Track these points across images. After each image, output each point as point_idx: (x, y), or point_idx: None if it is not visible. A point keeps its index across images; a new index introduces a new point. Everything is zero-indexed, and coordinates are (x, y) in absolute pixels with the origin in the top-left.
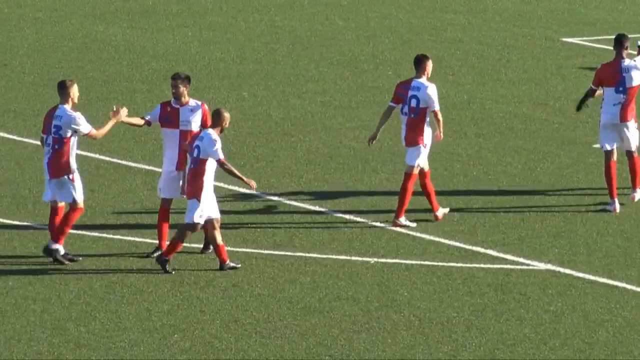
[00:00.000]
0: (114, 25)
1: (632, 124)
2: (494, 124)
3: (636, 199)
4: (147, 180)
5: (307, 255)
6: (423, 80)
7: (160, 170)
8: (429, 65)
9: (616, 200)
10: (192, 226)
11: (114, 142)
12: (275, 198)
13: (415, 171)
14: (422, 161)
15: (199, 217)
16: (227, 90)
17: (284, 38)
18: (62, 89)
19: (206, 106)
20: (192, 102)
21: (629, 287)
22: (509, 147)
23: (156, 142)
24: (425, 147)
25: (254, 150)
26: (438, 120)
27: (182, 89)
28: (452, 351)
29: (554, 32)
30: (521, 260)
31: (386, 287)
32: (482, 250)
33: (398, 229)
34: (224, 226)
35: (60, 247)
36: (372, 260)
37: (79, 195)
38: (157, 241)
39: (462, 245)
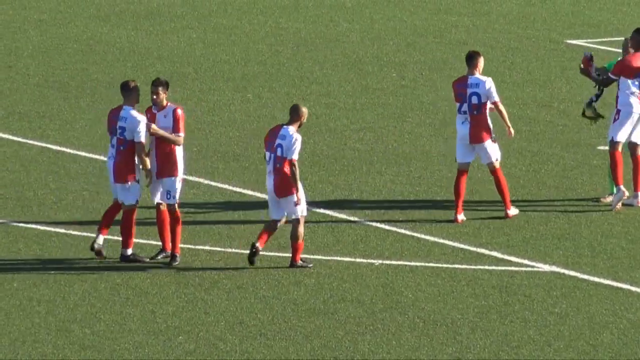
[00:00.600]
0: (119, 27)
1: None
2: (499, 126)
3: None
4: None
5: (312, 257)
6: (478, 75)
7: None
8: (481, 61)
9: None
10: (299, 220)
11: None
12: None
13: (497, 165)
14: (497, 154)
15: (302, 211)
16: (232, 92)
17: (288, 40)
18: (126, 90)
19: (180, 111)
20: (169, 106)
21: (633, 289)
22: (514, 149)
23: None
24: (494, 141)
25: (258, 152)
26: (500, 112)
27: (162, 95)
28: (456, 353)
29: (558, 34)
30: (526, 262)
31: (390, 289)
32: (486, 252)
33: (406, 231)
34: (230, 228)
35: (129, 250)
36: (377, 262)
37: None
38: (160, 243)
39: (466, 247)
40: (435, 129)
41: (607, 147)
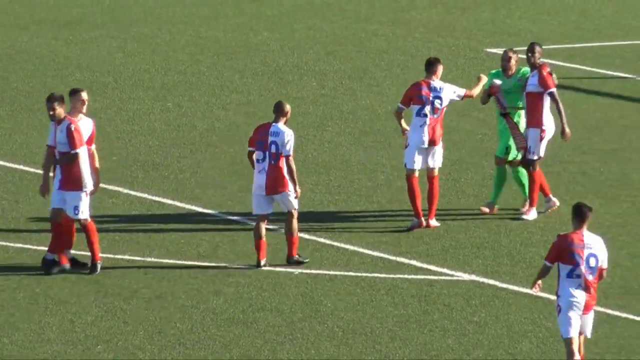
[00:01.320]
0: (39, 36)
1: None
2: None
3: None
4: None
5: (231, 266)
6: (438, 81)
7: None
8: (440, 68)
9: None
10: (294, 214)
11: (38, 153)
12: (199, 209)
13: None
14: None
15: (297, 204)
16: (152, 101)
17: (208, 49)
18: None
19: (72, 126)
20: (64, 121)
21: (552, 297)
22: None
23: None
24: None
25: (178, 161)
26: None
27: (59, 109)
28: None
29: (478, 42)
30: (445, 270)
31: (310, 298)
32: (406, 261)
33: (325, 240)
34: (149, 237)
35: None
36: (296, 271)
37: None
38: (88, 253)
39: (385, 255)
40: (354, 137)
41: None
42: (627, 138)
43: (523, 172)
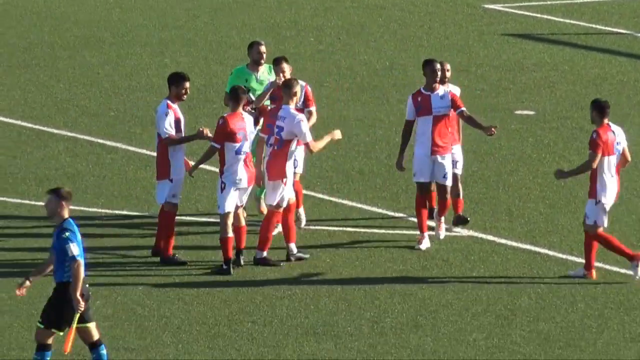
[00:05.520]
0: None
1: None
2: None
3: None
4: (68, 147)
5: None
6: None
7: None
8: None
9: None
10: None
11: (35, 108)
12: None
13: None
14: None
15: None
16: (149, 57)
17: (205, 5)
18: (287, 88)
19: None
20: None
21: (551, 253)
22: None
23: (78, 109)
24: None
25: None
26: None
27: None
28: (374, 317)
29: None
30: (444, 226)
31: (308, 253)
32: (404, 216)
33: (320, 195)
34: (147, 192)
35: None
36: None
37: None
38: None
39: (384, 211)
40: (352, 93)
41: (526, 112)
42: (625, 94)
43: None
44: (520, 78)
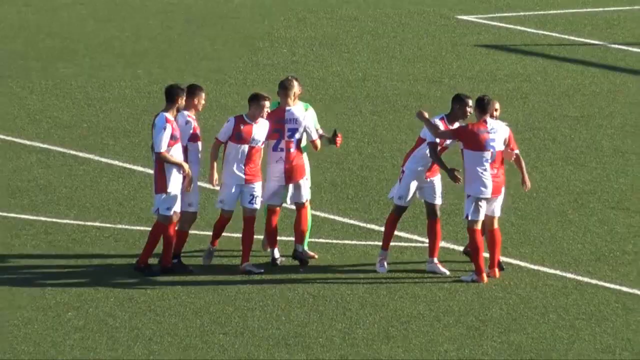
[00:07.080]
0: (9, 3)
1: None
2: (389, 102)
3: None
4: (41, 159)
5: (201, 233)
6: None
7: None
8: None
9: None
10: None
11: (8, 119)
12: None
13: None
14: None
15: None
16: (123, 68)
17: (179, 16)
18: (285, 89)
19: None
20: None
21: (522, 264)
22: (404, 124)
23: (50, 120)
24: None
25: (149, 128)
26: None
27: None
28: (346, 328)
29: (449, 9)
30: (415, 237)
31: (280, 266)
32: (376, 227)
33: (292, 207)
34: (119, 204)
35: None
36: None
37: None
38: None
39: (356, 222)
40: (325, 104)
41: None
42: (597, 105)
43: None
44: (493, 89)
